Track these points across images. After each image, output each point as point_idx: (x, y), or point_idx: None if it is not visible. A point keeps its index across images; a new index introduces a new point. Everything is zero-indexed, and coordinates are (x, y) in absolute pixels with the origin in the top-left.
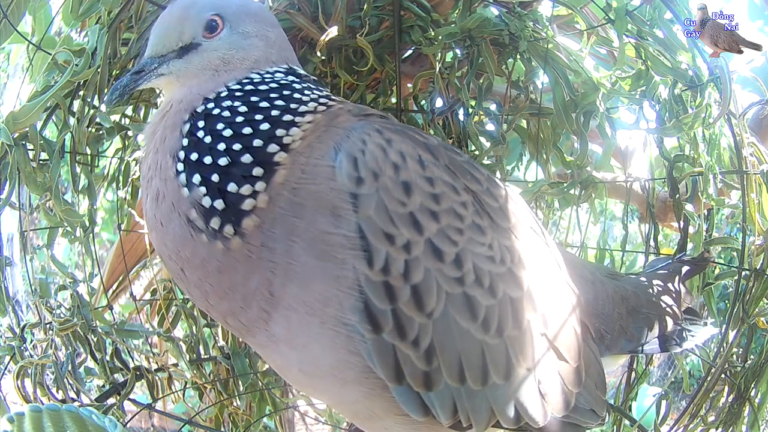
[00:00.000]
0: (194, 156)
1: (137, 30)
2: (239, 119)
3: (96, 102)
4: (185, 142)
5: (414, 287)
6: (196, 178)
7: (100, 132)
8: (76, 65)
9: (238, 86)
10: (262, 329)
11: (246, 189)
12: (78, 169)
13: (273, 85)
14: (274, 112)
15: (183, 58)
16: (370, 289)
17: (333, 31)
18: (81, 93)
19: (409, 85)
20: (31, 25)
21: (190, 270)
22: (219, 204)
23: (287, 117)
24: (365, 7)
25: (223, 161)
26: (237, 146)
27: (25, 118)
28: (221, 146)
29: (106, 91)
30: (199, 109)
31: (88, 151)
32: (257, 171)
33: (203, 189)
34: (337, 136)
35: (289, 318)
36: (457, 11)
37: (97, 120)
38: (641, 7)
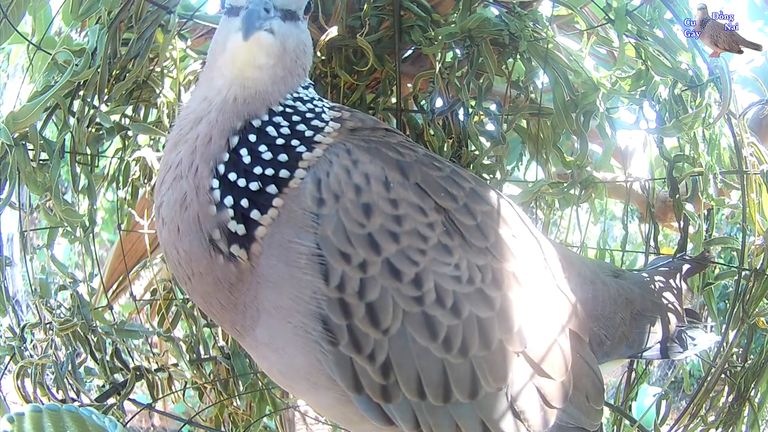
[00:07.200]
0: (232, 176)
1: (137, 30)
2: (280, 142)
3: (96, 102)
4: (226, 157)
5: (369, 305)
6: (228, 200)
7: (100, 132)
8: (76, 65)
9: (291, 102)
10: (250, 333)
11: (260, 215)
12: (78, 169)
13: (305, 110)
14: (294, 142)
15: (287, 23)
16: (327, 304)
17: (333, 31)
18: (81, 93)
19: (409, 85)
20: (31, 25)
21: (198, 282)
22: (241, 230)
23: (302, 148)
24: (365, 7)
25: (254, 186)
26: (270, 171)
27: (25, 118)
28: (257, 170)
29: (106, 91)
30: (255, 123)
31: (88, 151)
32: (277, 202)
33: (231, 212)
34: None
35: (269, 323)
36: (457, 11)
37: (97, 120)
38: (641, 7)
